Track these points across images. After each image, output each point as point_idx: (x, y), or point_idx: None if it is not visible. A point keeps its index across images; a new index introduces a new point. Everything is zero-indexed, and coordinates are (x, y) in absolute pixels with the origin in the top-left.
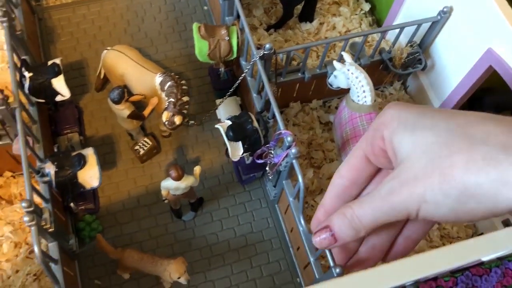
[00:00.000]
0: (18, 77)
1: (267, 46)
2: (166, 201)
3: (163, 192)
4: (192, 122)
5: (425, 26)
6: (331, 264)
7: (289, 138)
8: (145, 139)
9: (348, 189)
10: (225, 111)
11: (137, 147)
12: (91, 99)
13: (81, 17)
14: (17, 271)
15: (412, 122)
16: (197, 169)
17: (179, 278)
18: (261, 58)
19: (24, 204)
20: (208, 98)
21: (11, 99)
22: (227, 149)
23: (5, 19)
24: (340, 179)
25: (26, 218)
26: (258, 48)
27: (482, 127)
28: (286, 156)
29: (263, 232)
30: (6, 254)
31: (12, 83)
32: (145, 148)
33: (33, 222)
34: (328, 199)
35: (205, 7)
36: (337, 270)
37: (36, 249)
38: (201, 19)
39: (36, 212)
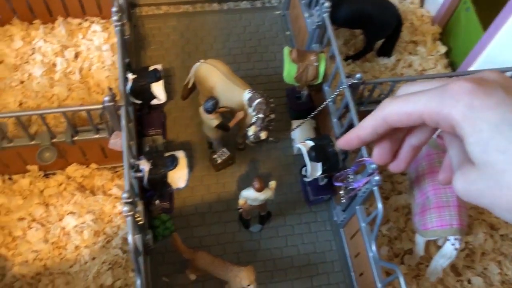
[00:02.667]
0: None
1: (358, 75)
2: (240, 210)
3: (241, 201)
4: (271, 139)
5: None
6: None
7: (372, 166)
8: (224, 149)
9: (388, 130)
10: (300, 132)
11: (215, 156)
12: (174, 105)
13: (171, 28)
14: (93, 258)
15: (487, 138)
16: (273, 184)
17: (248, 285)
18: (350, 86)
19: (124, 195)
20: (283, 118)
21: (117, 97)
22: (302, 168)
23: (119, 23)
24: (382, 118)
25: (125, 208)
26: (348, 77)
27: None
28: (367, 182)
29: (325, 254)
30: (86, 241)
31: (120, 82)
32: (223, 157)
33: (131, 213)
34: (367, 130)
35: (287, 32)
36: None
37: (130, 238)
38: (283, 43)
39: (133, 204)
